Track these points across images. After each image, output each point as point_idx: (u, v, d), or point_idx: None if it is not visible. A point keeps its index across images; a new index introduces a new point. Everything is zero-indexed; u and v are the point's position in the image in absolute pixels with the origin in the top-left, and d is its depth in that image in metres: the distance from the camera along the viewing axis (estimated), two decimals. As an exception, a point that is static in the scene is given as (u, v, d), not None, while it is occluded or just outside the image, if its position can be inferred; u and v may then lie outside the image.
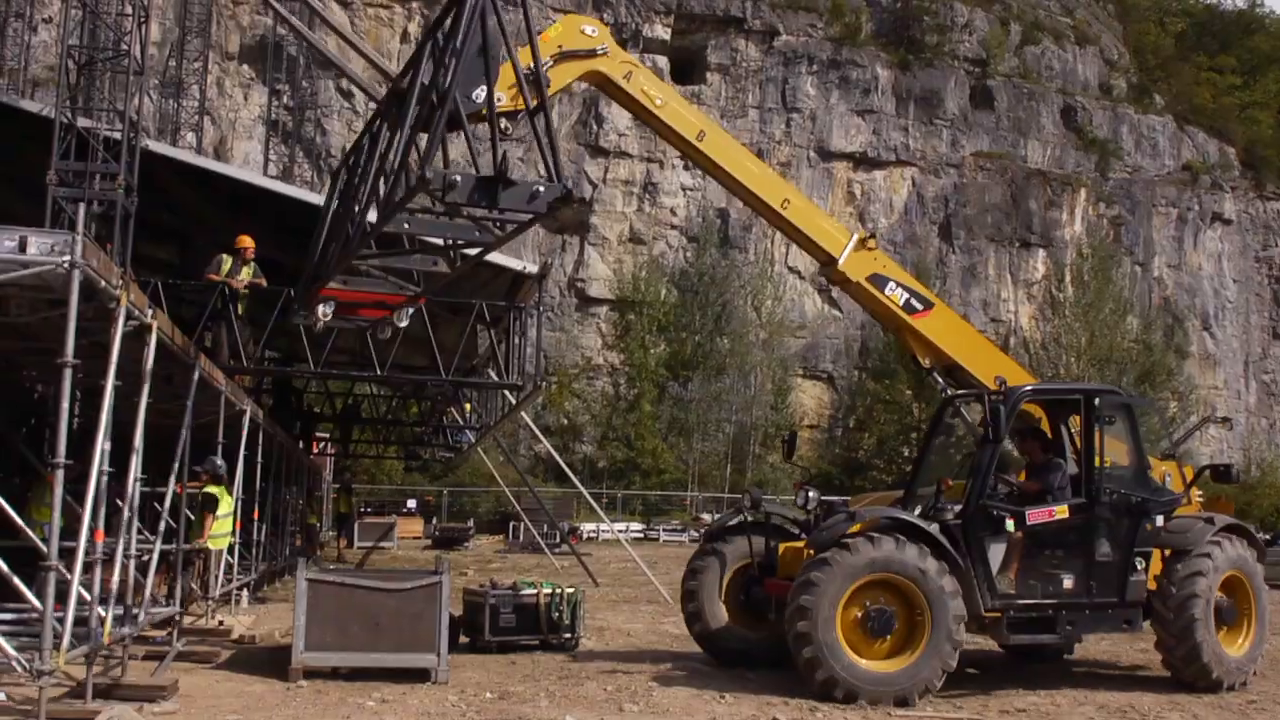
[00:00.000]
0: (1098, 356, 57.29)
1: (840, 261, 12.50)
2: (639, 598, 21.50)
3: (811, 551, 10.98)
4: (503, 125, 11.15)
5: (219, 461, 14.96)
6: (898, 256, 60.70)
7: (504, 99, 10.98)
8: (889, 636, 10.55)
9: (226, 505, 15.51)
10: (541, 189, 8.31)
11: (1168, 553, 11.90)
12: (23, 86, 46.98)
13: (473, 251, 10.12)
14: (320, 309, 9.99)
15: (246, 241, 16.32)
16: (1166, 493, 12.22)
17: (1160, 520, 11.83)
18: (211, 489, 15.06)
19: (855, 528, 10.79)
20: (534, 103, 9.32)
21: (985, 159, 63.91)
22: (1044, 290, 63.33)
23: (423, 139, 8.65)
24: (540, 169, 8.42)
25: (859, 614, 10.51)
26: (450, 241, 9.68)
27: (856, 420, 60.15)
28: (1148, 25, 79.57)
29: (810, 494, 12.24)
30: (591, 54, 11.56)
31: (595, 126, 58.46)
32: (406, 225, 9.35)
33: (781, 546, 12.21)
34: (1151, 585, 11.84)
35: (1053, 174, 65.31)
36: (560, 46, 11.37)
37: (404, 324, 10.17)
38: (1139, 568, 11.69)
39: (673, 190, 59.10)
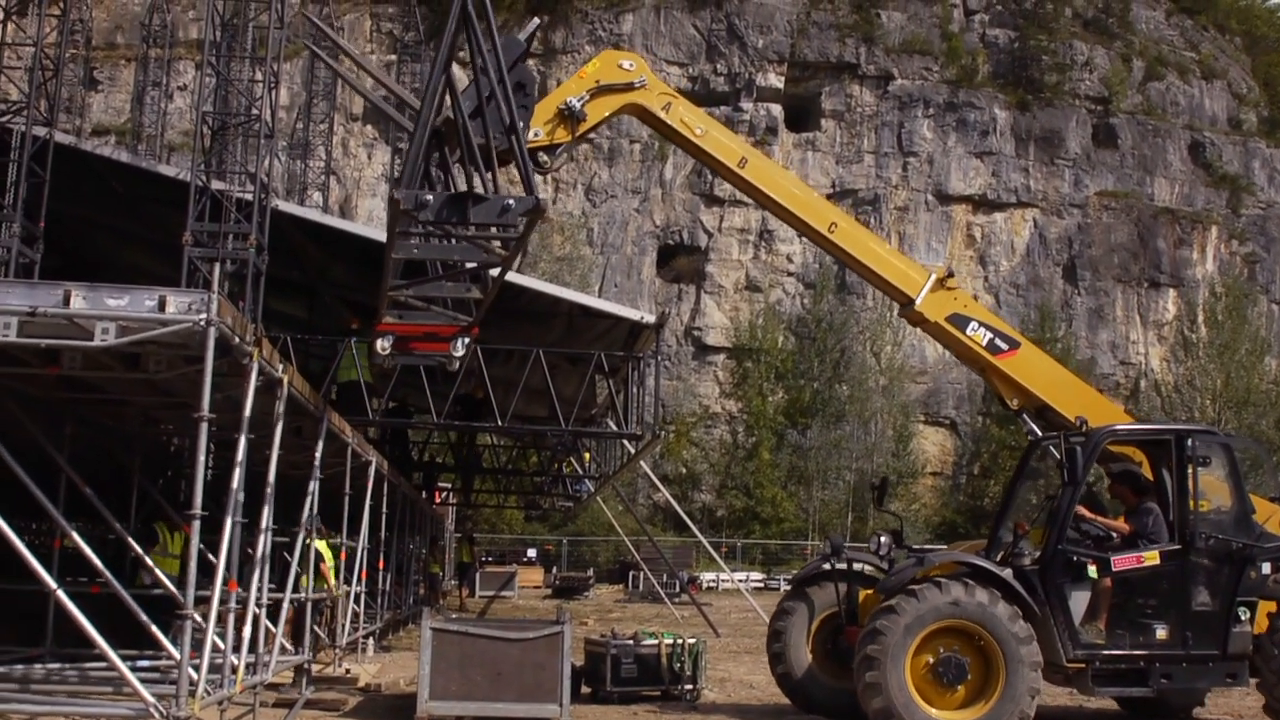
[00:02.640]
0: (1234, 399, 55.24)
1: (918, 302, 12.27)
2: (760, 649, 21.14)
3: (881, 598, 10.74)
4: (541, 159, 11.41)
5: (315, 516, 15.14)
6: (1020, 299, 59.54)
7: (541, 134, 11.21)
8: (962, 686, 10.23)
9: (328, 558, 15.72)
10: (512, 203, 8.42)
11: (1275, 606, 11.17)
12: (160, 152, 49.13)
13: (494, 273, 10.20)
14: (379, 343, 10.18)
15: None
16: (1273, 538, 11.47)
17: (1268, 568, 11.12)
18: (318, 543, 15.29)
19: (923, 573, 10.54)
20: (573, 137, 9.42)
21: (1110, 198, 62.44)
22: (1175, 331, 61.38)
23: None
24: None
25: (930, 662, 10.23)
26: (458, 264, 9.74)
27: (981, 467, 58.88)
28: (1277, 56, 77.15)
29: (883, 540, 12.03)
30: (629, 87, 11.70)
31: (709, 176, 58.66)
32: (415, 251, 9.39)
33: (862, 594, 11.95)
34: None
35: (1181, 211, 63.48)
36: (598, 81, 11.56)
37: (459, 354, 10.21)
38: (1243, 618, 11.00)
39: (788, 237, 58.93)
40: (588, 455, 25.67)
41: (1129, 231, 62.13)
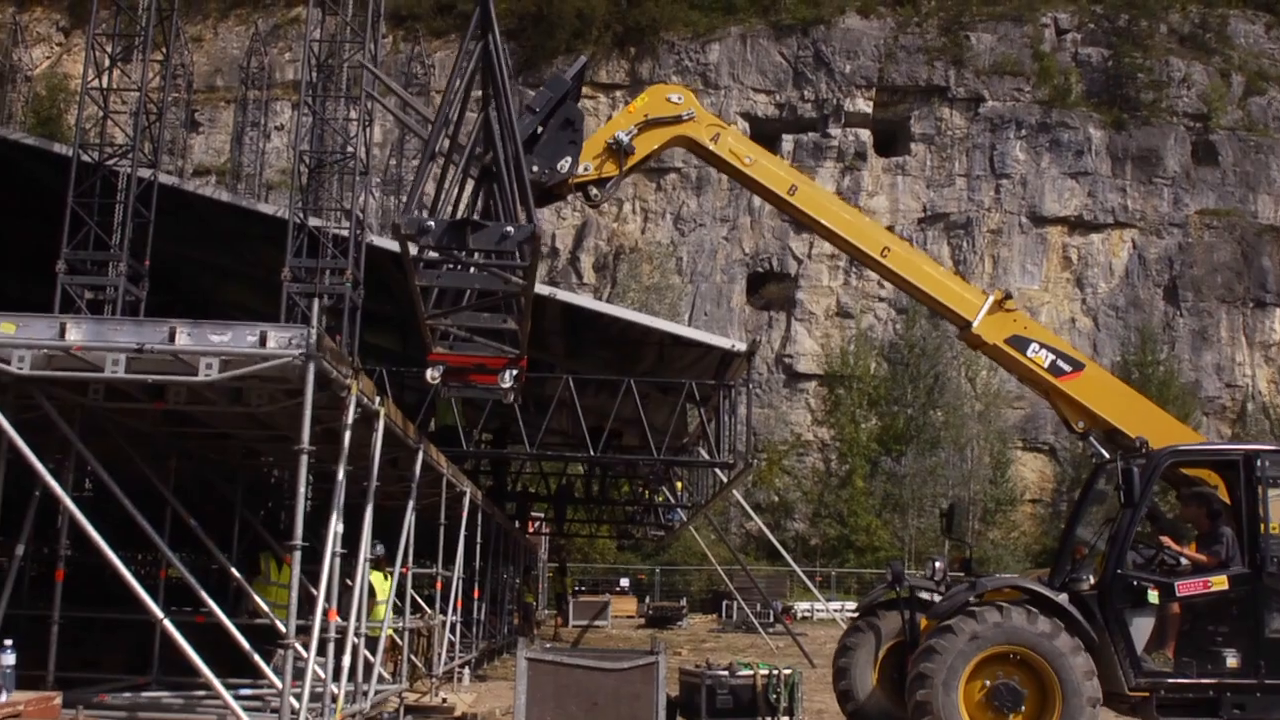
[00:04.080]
0: (1347, 421, 53.39)
1: (975, 324, 12.07)
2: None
3: (932, 622, 10.57)
4: (592, 193, 11.58)
5: (379, 547, 14.99)
6: (1120, 322, 58.27)
7: (590, 168, 11.36)
8: (1016, 715, 9.97)
9: (383, 592, 15.46)
10: (511, 230, 8.58)
11: None
12: (258, 190, 50.45)
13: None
14: (429, 373, 10.28)
15: None
16: None
17: None
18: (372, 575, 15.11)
19: (982, 597, 10.33)
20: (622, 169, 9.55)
21: (1211, 217, 60.87)
22: (1283, 352, 59.55)
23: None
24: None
25: (986, 686, 10.01)
26: (476, 292, 9.81)
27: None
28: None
29: (938, 565, 11.89)
30: (677, 120, 11.83)
31: (799, 202, 58.57)
32: (438, 279, 9.52)
33: (922, 621, 11.74)
34: None
35: (1287, 229, 61.68)
36: (646, 115, 11.72)
37: (506, 385, 10.28)
38: None
39: (879, 262, 58.46)
40: (680, 484, 25.64)
41: (1232, 250, 60.48)
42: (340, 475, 9.47)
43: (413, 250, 9.15)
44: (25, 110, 55.60)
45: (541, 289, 21.28)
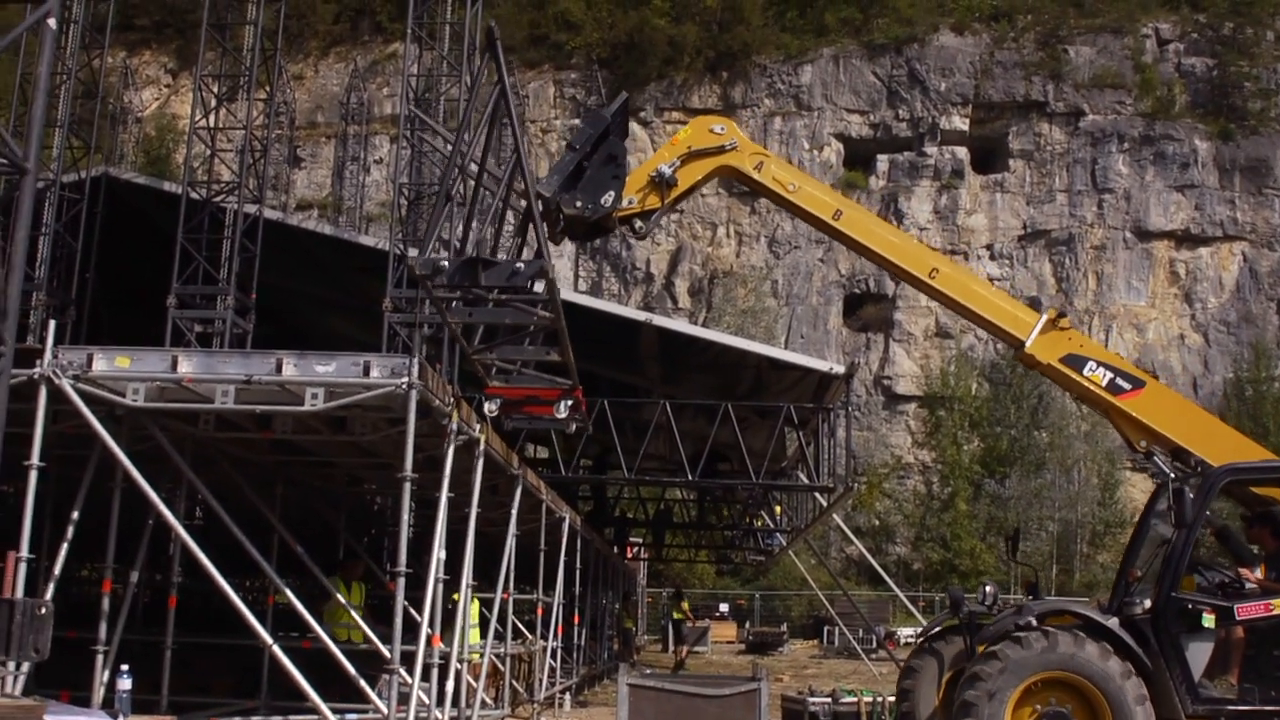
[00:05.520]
0: None
1: (1028, 344, 11.78)
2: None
3: (980, 648, 10.33)
4: (637, 226, 11.76)
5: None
6: (1231, 337, 56.57)
7: (634, 201, 11.54)
8: None
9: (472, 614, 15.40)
10: (521, 266, 8.79)
11: None
12: (359, 222, 51.50)
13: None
14: (488, 406, 10.38)
15: None
16: None
17: None
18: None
19: (1031, 621, 10.09)
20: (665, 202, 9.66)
21: (1326, 227, 58.91)
22: (1407, 367, 57.21)
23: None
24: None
25: (1035, 713, 9.79)
26: (508, 326, 9.91)
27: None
28: None
29: (989, 589, 11.64)
30: (720, 150, 11.88)
31: (895, 222, 57.98)
32: (470, 315, 9.63)
33: (980, 647, 11.47)
34: None
35: (1407, 239, 59.40)
36: (690, 147, 11.80)
37: (562, 415, 10.34)
38: None
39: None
40: (779, 508, 25.46)
41: (1349, 262, 58.42)
42: (443, 502, 9.57)
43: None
44: (136, 150, 57.52)
45: (637, 314, 21.37)
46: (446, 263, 8.89)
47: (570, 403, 10.35)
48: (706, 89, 60.34)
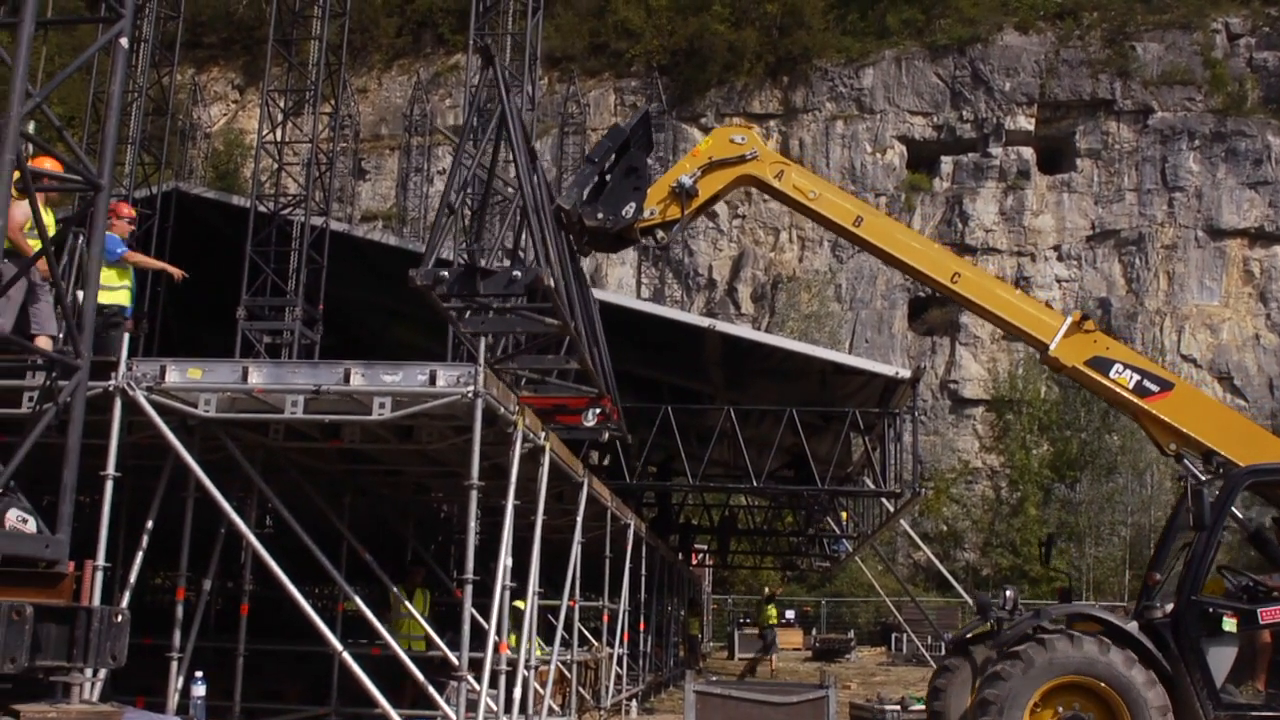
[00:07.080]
0: None
1: (1052, 347, 11.68)
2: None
3: (996, 651, 10.28)
4: (659, 235, 11.91)
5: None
6: (1309, 337, 55.27)
7: (655, 212, 11.68)
8: None
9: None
10: (518, 274, 8.99)
11: None
12: (423, 233, 51.89)
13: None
14: None
15: None
16: None
17: None
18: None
19: (1052, 625, 10.06)
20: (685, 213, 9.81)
21: (1406, 223, 57.36)
22: None
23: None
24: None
25: (1055, 714, 9.75)
26: (520, 336, 9.97)
27: (1272, 518, 54.50)
28: None
29: (1009, 594, 11.56)
30: (741, 160, 12.05)
31: (960, 225, 57.45)
32: (483, 324, 9.74)
33: (997, 649, 11.31)
34: None
35: None
36: (710, 158, 12.00)
37: (590, 424, 10.34)
38: None
39: (1046, 283, 56.77)
40: (845, 514, 25.28)
41: None
42: (509, 509, 9.61)
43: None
44: (205, 165, 58.57)
45: (699, 320, 21.33)
46: (446, 274, 9.02)
47: (598, 411, 10.41)
48: (767, 94, 60.14)
